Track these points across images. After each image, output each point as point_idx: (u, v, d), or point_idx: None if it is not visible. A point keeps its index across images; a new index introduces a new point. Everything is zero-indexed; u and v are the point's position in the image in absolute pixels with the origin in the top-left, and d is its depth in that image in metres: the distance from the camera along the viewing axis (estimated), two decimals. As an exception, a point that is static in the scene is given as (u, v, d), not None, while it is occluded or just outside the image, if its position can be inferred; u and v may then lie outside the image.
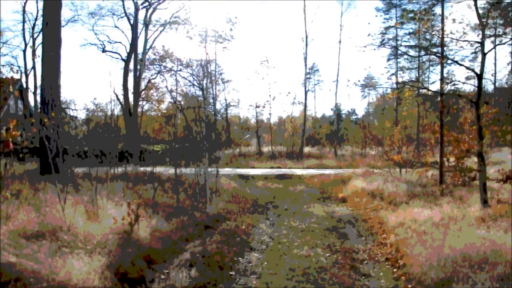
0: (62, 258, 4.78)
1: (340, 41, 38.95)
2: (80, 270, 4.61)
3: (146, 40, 32.76)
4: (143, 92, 34.95)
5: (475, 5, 9.14)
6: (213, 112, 38.20)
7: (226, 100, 42.02)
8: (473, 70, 9.41)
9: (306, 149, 35.00)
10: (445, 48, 11.79)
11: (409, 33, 37.40)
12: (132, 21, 31.22)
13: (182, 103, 38.07)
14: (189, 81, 37.02)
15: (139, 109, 35.96)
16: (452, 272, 4.75)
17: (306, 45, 34.46)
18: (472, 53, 36.67)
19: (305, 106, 36.43)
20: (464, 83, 19.25)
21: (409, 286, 5.12)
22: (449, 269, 4.83)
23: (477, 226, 6.61)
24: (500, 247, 5.12)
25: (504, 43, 10.78)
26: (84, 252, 5.15)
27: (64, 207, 6.64)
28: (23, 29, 35.28)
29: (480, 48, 9.24)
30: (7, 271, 4.27)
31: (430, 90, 15.57)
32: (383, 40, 37.72)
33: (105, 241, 5.70)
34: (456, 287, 4.48)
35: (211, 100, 38.98)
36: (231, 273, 5.87)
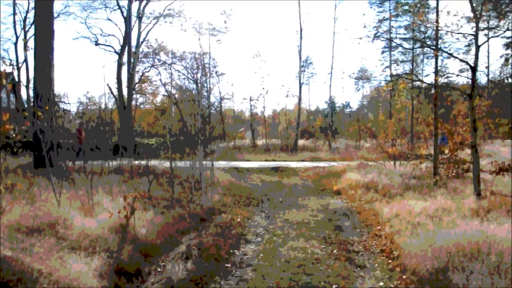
0: (59, 254, 4.77)
1: (334, 34, 39.17)
2: (78, 266, 4.61)
3: (139, 33, 32.47)
4: (137, 85, 34.71)
5: (469, -3, 9.15)
6: (207, 105, 38.12)
7: (220, 93, 41.88)
8: (467, 63, 9.43)
9: (301, 142, 35.01)
10: (439, 41, 11.82)
11: (404, 26, 37.51)
12: (125, 14, 30.89)
13: (177, 96, 37.98)
14: (183, 74, 36.93)
15: (133, 103, 35.74)
16: (447, 262, 4.81)
17: (301, 37, 34.36)
18: (466, 45, 36.91)
19: (300, 99, 36.41)
20: (458, 75, 19.36)
21: (404, 276, 5.17)
22: (444, 259, 4.89)
23: (470, 218, 6.68)
24: (493, 239, 5.18)
25: (497, 36, 10.81)
26: (82, 248, 5.14)
27: (60, 201, 6.62)
28: (14, 22, 34.77)
29: (474, 40, 9.27)
30: (3, 265, 4.26)
31: (424, 82, 15.67)
32: (377, 33, 37.91)
33: (101, 235, 5.69)
34: (452, 276, 4.53)
35: (205, 93, 38.88)
36: (227, 265, 5.89)
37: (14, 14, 34.70)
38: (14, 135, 6.65)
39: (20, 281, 4.13)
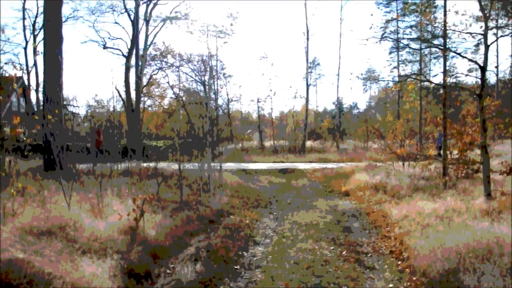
0: (71, 257, 4.81)
1: (340, 35, 39.17)
2: (91, 268, 4.64)
3: (147, 36, 32.61)
4: (144, 88, 34.90)
5: (478, -4, 9.08)
6: (214, 108, 38.25)
7: (228, 95, 41.99)
8: (476, 62, 9.35)
9: (308, 143, 34.93)
10: (447, 41, 11.73)
11: (411, 26, 37.25)
12: (132, 17, 31.04)
13: (184, 98, 38.17)
14: (191, 76, 37.11)
15: (141, 105, 35.94)
16: (458, 264, 4.77)
17: (308, 39, 34.33)
18: (474, 45, 36.57)
19: (307, 100, 36.38)
20: (466, 75, 19.19)
21: (414, 278, 5.14)
22: (455, 260, 4.85)
23: (481, 219, 6.61)
24: (504, 240, 5.13)
25: (507, 35, 10.70)
26: (92, 250, 5.18)
27: (70, 204, 6.67)
28: (24, 27, 35.27)
29: (483, 40, 9.19)
30: (14, 267, 4.30)
31: (432, 83, 15.55)
32: (384, 33, 37.73)
33: (111, 237, 5.73)
34: (463, 278, 4.50)
35: (213, 96, 39.00)
36: (236, 267, 5.90)
37: (24, 19, 35.19)
38: (24, 139, 6.72)
39: (31, 283, 4.17)
